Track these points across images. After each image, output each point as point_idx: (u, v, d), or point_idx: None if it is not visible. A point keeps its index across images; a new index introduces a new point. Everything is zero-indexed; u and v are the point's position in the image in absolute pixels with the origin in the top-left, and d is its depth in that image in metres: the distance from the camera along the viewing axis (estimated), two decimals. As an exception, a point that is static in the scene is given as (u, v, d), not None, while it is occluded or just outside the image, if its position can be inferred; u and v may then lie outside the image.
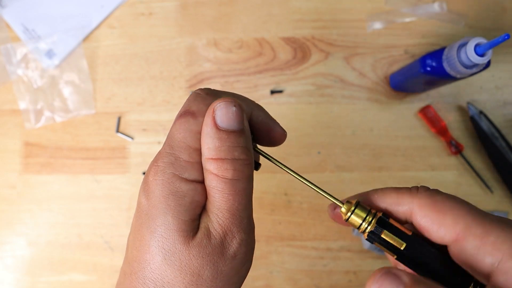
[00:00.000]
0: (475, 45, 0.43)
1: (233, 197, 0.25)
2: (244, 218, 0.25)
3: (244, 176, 0.25)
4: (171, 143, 0.25)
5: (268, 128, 0.29)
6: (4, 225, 0.60)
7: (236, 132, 0.24)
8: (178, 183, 0.24)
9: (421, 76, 0.50)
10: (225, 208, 0.25)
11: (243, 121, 0.25)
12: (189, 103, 0.26)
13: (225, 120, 0.24)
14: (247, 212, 0.26)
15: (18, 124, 0.61)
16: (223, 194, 0.24)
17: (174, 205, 0.24)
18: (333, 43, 0.61)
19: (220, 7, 0.61)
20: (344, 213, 0.26)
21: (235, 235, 0.25)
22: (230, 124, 0.24)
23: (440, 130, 0.58)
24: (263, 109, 0.29)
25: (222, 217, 0.25)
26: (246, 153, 0.25)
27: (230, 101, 0.24)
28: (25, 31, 0.61)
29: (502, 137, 0.57)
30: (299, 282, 0.59)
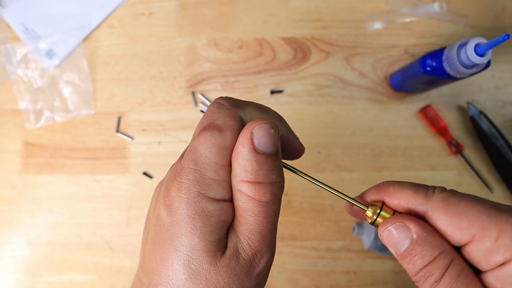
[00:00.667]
0: (475, 45, 0.43)
1: (267, 220, 0.24)
2: (273, 238, 0.25)
3: (278, 198, 0.25)
4: (195, 159, 0.24)
5: (288, 142, 0.29)
6: (4, 225, 0.60)
7: (273, 154, 0.24)
8: (204, 203, 0.24)
9: (421, 76, 0.50)
10: (257, 230, 0.24)
11: (278, 143, 0.24)
12: (213, 115, 0.25)
13: (263, 143, 0.23)
14: (275, 232, 0.26)
15: (18, 124, 0.61)
16: (258, 217, 0.24)
17: (200, 226, 0.23)
18: (333, 43, 0.61)
19: (220, 7, 0.61)
20: (370, 217, 0.26)
21: (264, 256, 0.25)
22: (268, 147, 0.24)
23: (440, 130, 0.58)
24: (285, 122, 0.29)
25: (253, 239, 0.24)
26: (281, 175, 0.25)
27: (268, 123, 0.23)
28: (25, 31, 0.61)
29: (502, 137, 0.57)
30: (299, 282, 0.59)
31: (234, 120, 0.24)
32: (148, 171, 0.60)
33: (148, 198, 0.60)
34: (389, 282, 0.59)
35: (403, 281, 0.59)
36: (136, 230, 0.59)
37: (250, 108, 0.26)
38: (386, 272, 0.59)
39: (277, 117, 0.28)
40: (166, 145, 0.60)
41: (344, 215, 0.59)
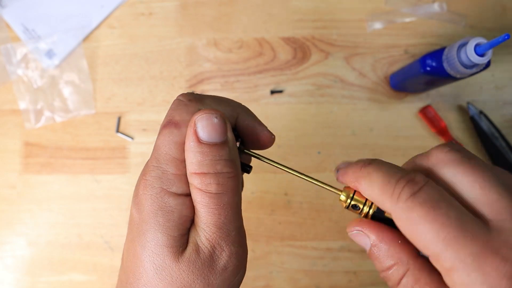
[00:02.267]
0: (475, 45, 0.43)
1: (218, 211, 0.24)
2: (232, 231, 0.25)
3: (229, 189, 0.24)
4: (157, 156, 0.25)
5: (255, 131, 0.28)
6: (4, 225, 0.60)
7: (218, 144, 0.24)
8: (167, 198, 0.24)
9: (421, 76, 0.50)
10: (212, 222, 0.24)
11: (226, 132, 0.24)
12: (172, 111, 0.25)
13: (206, 132, 0.24)
14: (234, 224, 0.25)
15: (18, 124, 0.61)
16: (209, 208, 0.24)
17: (163, 221, 0.24)
18: (333, 43, 0.61)
19: (220, 7, 0.61)
20: (344, 201, 0.26)
21: (224, 249, 0.25)
22: (212, 136, 0.24)
23: (440, 130, 0.58)
24: (250, 112, 0.29)
25: (209, 231, 0.24)
26: (229, 165, 0.24)
27: (211, 112, 0.24)
28: (25, 31, 0.61)
29: (502, 137, 0.57)
30: (299, 282, 0.59)
31: (190, 115, 0.25)
32: (148, 171, 0.60)
33: (148, 198, 0.60)
34: (389, 282, 0.59)
35: (403, 281, 0.59)
36: (136, 230, 0.59)
37: (209, 101, 0.26)
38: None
39: (239, 107, 0.28)
40: (166, 145, 0.60)
41: (344, 215, 0.59)
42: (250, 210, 0.59)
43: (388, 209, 0.23)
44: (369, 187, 0.24)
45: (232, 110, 0.27)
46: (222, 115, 0.24)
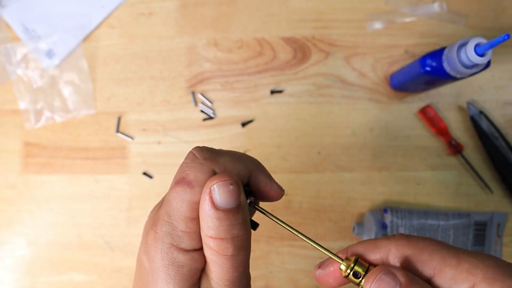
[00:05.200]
0: (475, 45, 0.43)
1: (233, 270, 0.25)
2: (243, 281, 0.26)
3: (243, 249, 0.26)
4: (169, 211, 0.26)
5: (266, 188, 0.30)
6: (4, 225, 0.60)
7: (234, 209, 0.25)
8: (176, 254, 0.25)
9: (421, 76, 0.50)
10: (226, 278, 0.25)
11: (239, 197, 0.25)
12: (186, 168, 0.26)
13: (223, 199, 0.24)
14: (246, 278, 0.26)
15: (18, 124, 0.61)
16: (224, 267, 0.25)
17: (174, 275, 0.25)
18: (333, 43, 0.61)
19: (220, 7, 0.61)
20: (343, 270, 0.26)
21: None
22: (227, 203, 0.24)
23: (440, 130, 0.58)
24: (262, 168, 0.30)
25: (222, 285, 0.26)
26: (244, 228, 0.25)
27: (226, 180, 0.24)
28: (25, 31, 0.61)
29: (502, 137, 0.57)
30: (299, 282, 0.59)
31: (204, 175, 0.25)
32: (148, 171, 0.60)
33: (148, 198, 0.60)
34: (389, 282, 0.59)
35: (403, 281, 0.59)
36: (136, 230, 0.59)
37: (224, 159, 0.27)
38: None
39: (253, 163, 0.29)
40: (166, 145, 0.60)
41: (344, 215, 0.59)
42: (250, 210, 0.59)
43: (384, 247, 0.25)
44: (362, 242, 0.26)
45: (246, 168, 0.28)
46: (238, 181, 0.25)
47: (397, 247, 0.24)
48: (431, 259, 0.23)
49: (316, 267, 0.29)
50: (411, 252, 0.24)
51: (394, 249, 0.24)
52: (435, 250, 0.23)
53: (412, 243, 0.24)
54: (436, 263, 0.23)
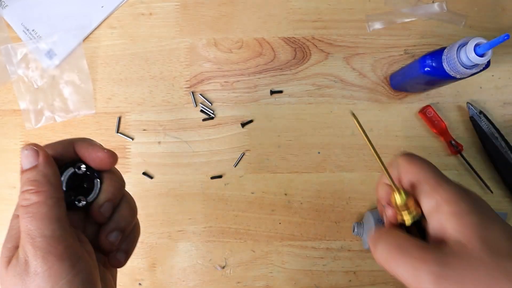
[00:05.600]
0: (475, 45, 0.43)
1: (26, 220, 0.29)
2: (38, 237, 0.28)
3: (33, 202, 0.29)
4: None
5: (92, 153, 0.33)
6: (4, 225, 0.60)
7: (28, 169, 0.30)
8: (13, 220, 0.32)
9: (421, 76, 0.50)
10: (22, 230, 0.29)
11: (35, 160, 0.30)
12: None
13: (22, 162, 0.31)
14: (42, 232, 0.28)
15: (18, 124, 0.61)
16: (22, 219, 0.29)
17: (5, 237, 0.31)
18: (333, 43, 0.61)
19: (220, 7, 0.61)
20: (399, 202, 0.29)
21: (31, 253, 0.28)
22: (23, 164, 0.31)
23: (440, 130, 0.58)
24: (87, 140, 0.34)
25: (21, 238, 0.29)
26: (32, 184, 0.30)
27: (24, 147, 0.31)
28: (25, 31, 0.61)
29: (502, 137, 0.57)
30: (299, 282, 0.59)
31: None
32: (148, 171, 0.60)
33: (148, 198, 0.60)
34: (389, 282, 0.59)
35: (403, 281, 0.59)
36: (136, 230, 0.59)
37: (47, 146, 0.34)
38: (386, 272, 0.59)
39: (75, 140, 0.34)
40: (166, 145, 0.60)
41: (344, 215, 0.59)
42: (250, 210, 0.59)
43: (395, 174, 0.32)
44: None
45: (65, 144, 0.33)
46: (32, 147, 0.31)
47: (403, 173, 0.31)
48: (416, 176, 0.30)
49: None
50: (397, 175, 0.31)
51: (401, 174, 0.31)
52: (420, 170, 0.30)
53: (404, 160, 0.31)
54: (419, 180, 0.29)
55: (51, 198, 0.30)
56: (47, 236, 0.28)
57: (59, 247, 0.28)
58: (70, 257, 0.29)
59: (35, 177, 0.30)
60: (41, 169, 0.30)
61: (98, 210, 0.33)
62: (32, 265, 0.28)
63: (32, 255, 0.28)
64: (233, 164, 0.60)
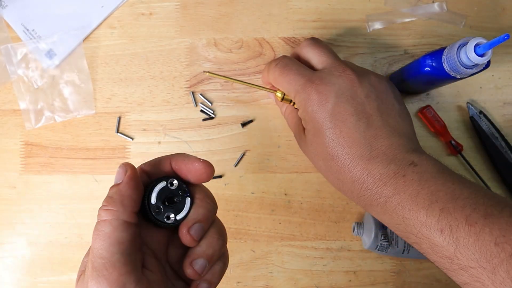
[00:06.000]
0: (475, 45, 0.43)
1: (93, 237, 0.29)
2: (97, 257, 0.28)
3: (102, 219, 0.29)
4: None
5: (187, 167, 0.33)
6: (4, 225, 0.60)
7: (112, 186, 0.31)
8: None
9: (421, 76, 0.50)
10: (91, 246, 0.29)
11: (120, 178, 0.31)
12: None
13: (115, 179, 0.31)
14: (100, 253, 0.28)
15: (18, 124, 0.61)
16: (92, 235, 0.29)
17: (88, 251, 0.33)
18: (333, 43, 0.61)
19: (220, 7, 0.61)
20: (279, 97, 0.50)
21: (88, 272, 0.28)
22: (114, 180, 0.31)
23: (440, 130, 0.58)
24: (183, 154, 0.35)
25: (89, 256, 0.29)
26: (107, 200, 0.30)
27: (119, 165, 0.31)
28: (25, 31, 0.61)
29: (502, 137, 0.57)
30: (299, 282, 0.59)
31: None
32: (148, 171, 0.60)
33: (148, 198, 0.60)
34: (389, 282, 0.59)
35: (403, 281, 0.59)
36: (136, 230, 0.59)
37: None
38: (386, 272, 0.59)
39: (173, 155, 0.36)
40: (166, 145, 0.60)
41: (344, 215, 0.59)
42: (250, 210, 0.59)
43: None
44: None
45: (163, 160, 0.35)
46: (124, 166, 0.31)
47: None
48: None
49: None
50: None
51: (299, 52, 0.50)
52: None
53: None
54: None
55: (118, 219, 0.28)
56: (104, 259, 0.27)
57: (113, 273, 0.27)
58: (123, 286, 0.27)
59: (112, 194, 0.30)
60: (121, 188, 0.30)
61: (187, 231, 0.31)
62: (89, 285, 0.27)
63: (89, 275, 0.27)
64: (233, 164, 0.60)
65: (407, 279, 0.59)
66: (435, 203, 0.35)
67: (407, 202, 0.36)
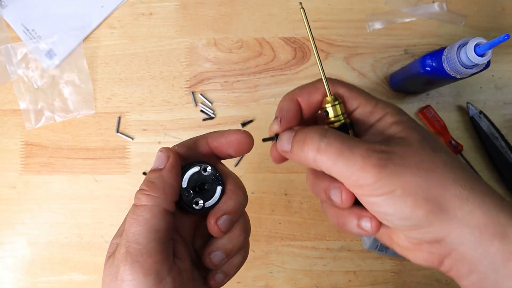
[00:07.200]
0: (475, 45, 0.43)
1: (129, 221, 0.28)
2: (132, 243, 0.27)
3: (141, 203, 0.28)
4: None
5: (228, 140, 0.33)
6: (4, 225, 0.60)
7: (152, 170, 0.30)
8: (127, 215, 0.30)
9: (421, 76, 0.50)
10: (125, 229, 0.28)
11: (162, 163, 0.30)
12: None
13: (154, 163, 0.30)
14: (137, 239, 0.27)
15: (18, 124, 0.61)
16: (127, 218, 0.28)
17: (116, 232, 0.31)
18: (333, 43, 0.61)
19: (220, 7, 0.61)
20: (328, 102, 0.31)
21: (121, 257, 0.27)
22: (153, 164, 0.30)
23: (440, 130, 0.58)
24: (217, 131, 0.34)
25: (121, 239, 0.28)
26: (148, 185, 0.29)
27: (160, 148, 0.30)
28: (25, 31, 0.61)
29: (502, 137, 0.57)
30: (299, 282, 0.59)
31: None
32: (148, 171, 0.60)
33: (148, 198, 0.60)
34: (389, 282, 0.59)
35: (403, 281, 0.59)
36: (136, 230, 0.59)
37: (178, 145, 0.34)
38: (386, 272, 0.59)
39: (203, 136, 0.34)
40: (166, 145, 0.60)
41: (344, 215, 0.59)
42: (250, 210, 0.59)
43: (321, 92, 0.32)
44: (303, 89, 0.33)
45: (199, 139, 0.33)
46: (166, 151, 0.30)
47: (334, 86, 0.32)
48: (359, 97, 0.31)
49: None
50: (344, 90, 0.32)
51: (331, 86, 0.31)
52: (362, 92, 0.32)
53: (346, 85, 0.32)
54: (361, 100, 0.31)
55: (158, 206, 0.28)
56: (141, 245, 0.27)
57: (148, 260, 0.27)
58: (156, 274, 0.27)
59: (154, 179, 0.29)
60: (163, 174, 0.29)
61: (215, 222, 0.30)
62: (120, 270, 0.27)
63: (122, 259, 0.27)
64: (233, 164, 0.60)
65: (407, 279, 0.59)
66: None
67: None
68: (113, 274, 0.27)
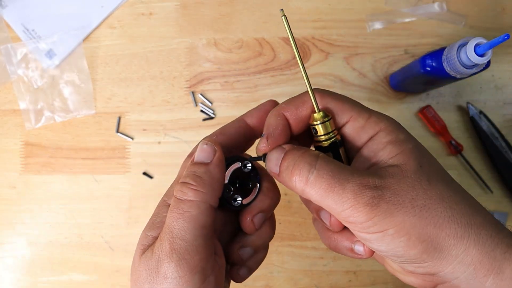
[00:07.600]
0: (475, 45, 0.43)
1: (173, 216, 0.26)
2: (178, 239, 0.26)
3: (188, 198, 0.26)
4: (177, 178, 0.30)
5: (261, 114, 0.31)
6: (4, 225, 0.60)
7: (198, 163, 0.28)
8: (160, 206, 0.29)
9: (421, 76, 0.50)
10: (167, 224, 0.26)
11: (209, 157, 0.28)
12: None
13: (196, 155, 0.28)
14: (183, 235, 0.26)
15: (18, 124, 0.61)
16: (170, 212, 0.27)
17: (148, 222, 0.29)
18: (333, 43, 0.61)
19: (220, 7, 0.61)
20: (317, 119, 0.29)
21: (165, 252, 0.26)
22: (197, 156, 0.28)
23: (440, 130, 0.58)
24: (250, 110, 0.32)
25: (163, 232, 0.26)
26: (195, 180, 0.27)
27: (204, 141, 0.28)
28: (25, 31, 0.61)
29: (502, 137, 0.57)
30: (299, 282, 0.59)
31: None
32: (148, 171, 0.60)
33: (148, 198, 0.60)
34: (389, 282, 0.59)
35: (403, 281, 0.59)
36: (136, 230, 0.59)
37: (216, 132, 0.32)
38: (386, 272, 0.59)
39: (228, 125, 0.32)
40: (166, 145, 0.60)
41: (344, 215, 0.59)
42: (250, 210, 0.59)
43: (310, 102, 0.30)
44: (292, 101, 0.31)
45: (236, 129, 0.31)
46: (212, 144, 0.28)
47: (323, 99, 0.29)
48: (350, 110, 0.28)
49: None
50: (334, 103, 0.29)
51: (319, 99, 0.29)
52: (353, 104, 0.29)
53: (335, 96, 0.29)
54: (352, 113, 0.28)
55: (205, 202, 0.27)
56: (187, 241, 0.26)
57: (195, 257, 0.26)
58: (202, 271, 0.26)
59: (202, 174, 0.27)
60: (211, 169, 0.28)
61: (251, 219, 0.30)
62: (164, 266, 0.26)
63: (166, 255, 0.26)
64: (233, 164, 0.60)
65: (407, 279, 0.59)
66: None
67: None
68: (153, 269, 0.26)
